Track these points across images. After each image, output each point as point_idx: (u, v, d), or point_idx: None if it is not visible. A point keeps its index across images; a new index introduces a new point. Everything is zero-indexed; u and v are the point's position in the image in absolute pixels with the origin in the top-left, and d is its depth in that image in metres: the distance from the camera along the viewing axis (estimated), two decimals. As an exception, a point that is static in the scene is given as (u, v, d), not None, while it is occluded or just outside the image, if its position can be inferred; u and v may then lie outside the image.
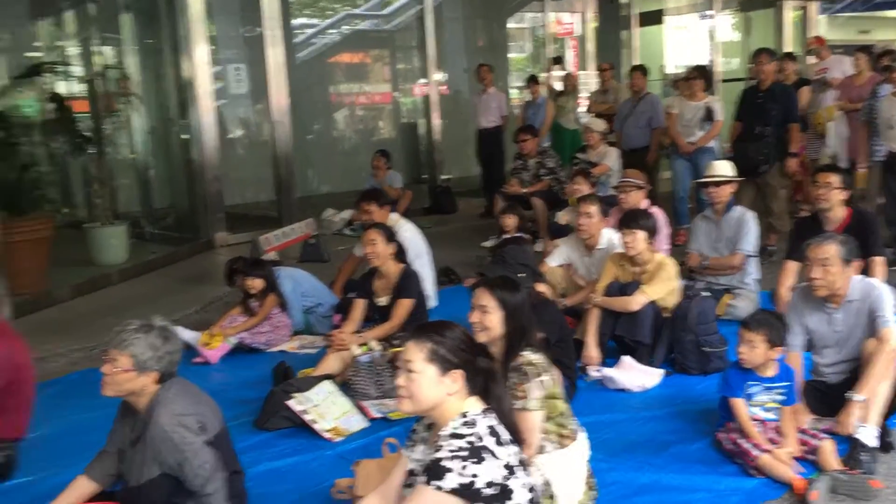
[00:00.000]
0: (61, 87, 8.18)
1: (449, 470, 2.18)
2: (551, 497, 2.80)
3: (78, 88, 9.13)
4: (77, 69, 9.24)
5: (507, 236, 6.35)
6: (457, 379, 2.30)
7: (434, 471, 2.19)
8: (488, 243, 7.35)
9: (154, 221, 9.21)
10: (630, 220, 4.68)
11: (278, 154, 8.78)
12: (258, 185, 10.16)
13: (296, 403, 3.90)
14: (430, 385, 2.29)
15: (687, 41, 13.73)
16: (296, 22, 12.06)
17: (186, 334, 5.04)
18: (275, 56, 8.63)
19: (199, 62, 8.24)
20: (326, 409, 3.91)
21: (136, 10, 9.36)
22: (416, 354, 2.30)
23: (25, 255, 6.21)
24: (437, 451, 2.23)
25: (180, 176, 8.90)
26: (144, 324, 2.76)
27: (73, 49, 10.16)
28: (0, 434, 3.54)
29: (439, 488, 2.17)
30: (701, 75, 7.58)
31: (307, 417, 3.86)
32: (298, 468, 3.58)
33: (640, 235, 4.61)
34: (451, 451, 2.21)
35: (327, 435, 3.82)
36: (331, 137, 12.62)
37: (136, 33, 9.46)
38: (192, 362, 4.92)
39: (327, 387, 4.04)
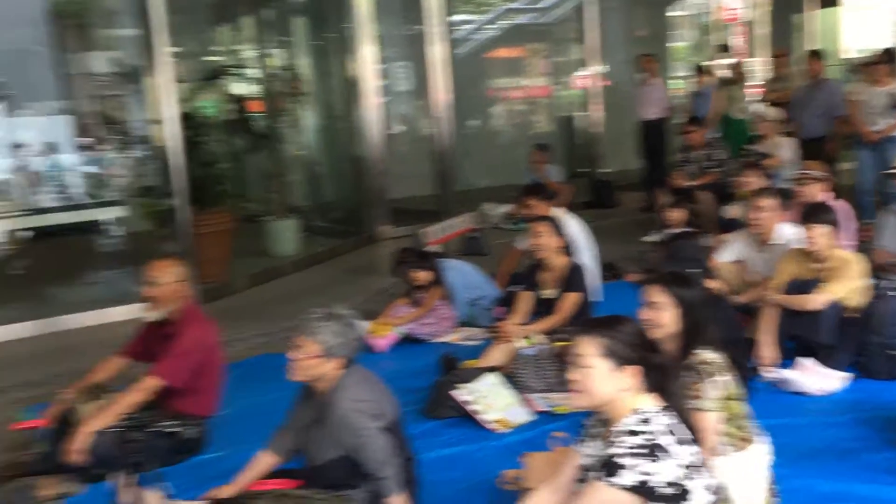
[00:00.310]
0: (239, 89, 8.68)
1: (624, 467, 2.15)
2: (726, 501, 2.71)
3: (253, 89, 9.67)
4: (253, 71, 9.77)
5: (675, 231, 6.15)
6: (631, 375, 2.26)
7: (609, 467, 2.17)
8: (650, 238, 7.17)
9: (322, 215, 9.61)
10: (812, 215, 4.42)
11: (439, 149, 8.96)
12: (419, 180, 10.36)
13: (462, 394, 3.96)
14: (604, 380, 2.26)
15: (868, 23, 12.78)
16: (455, 18, 12.22)
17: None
18: (435, 53, 8.80)
19: (365, 61, 8.54)
20: (492, 401, 3.95)
21: (307, 14, 9.81)
22: (589, 349, 2.28)
23: (211, 245, 6.66)
24: (612, 447, 2.21)
25: (346, 171, 9.25)
26: (329, 312, 2.88)
27: (248, 52, 10.76)
28: (192, 411, 3.78)
29: (614, 485, 2.14)
30: (888, 59, 7.05)
31: (473, 408, 3.91)
32: (465, 457, 3.64)
33: (823, 230, 4.34)
34: (628, 447, 2.18)
35: (493, 426, 3.86)
36: (489, 132, 12.71)
37: (307, 36, 9.91)
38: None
39: (492, 378, 4.08)
